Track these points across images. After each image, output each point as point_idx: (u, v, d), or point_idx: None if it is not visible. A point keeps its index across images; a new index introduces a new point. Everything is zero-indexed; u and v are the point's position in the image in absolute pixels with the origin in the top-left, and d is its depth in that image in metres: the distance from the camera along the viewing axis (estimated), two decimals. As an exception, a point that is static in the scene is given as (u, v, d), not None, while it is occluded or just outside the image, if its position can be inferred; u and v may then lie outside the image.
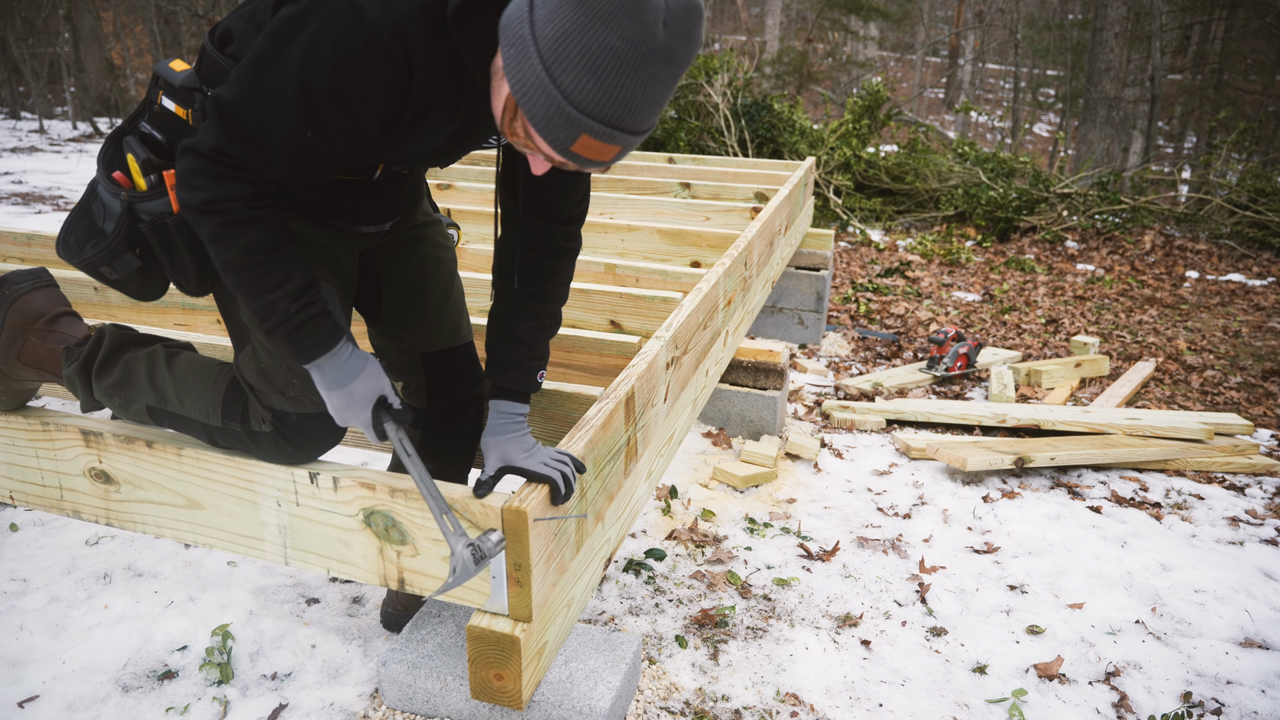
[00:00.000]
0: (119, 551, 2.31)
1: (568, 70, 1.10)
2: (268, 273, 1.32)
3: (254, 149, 1.26)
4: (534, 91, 1.13)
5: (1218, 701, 2.02)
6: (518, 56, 1.13)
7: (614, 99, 1.12)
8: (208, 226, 1.29)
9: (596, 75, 1.10)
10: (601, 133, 1.15)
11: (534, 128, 1.17)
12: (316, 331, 1.38)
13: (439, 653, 1.72)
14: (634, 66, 1.11)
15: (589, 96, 1.12)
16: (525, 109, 1.15)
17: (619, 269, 3.03)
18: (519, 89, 1.14)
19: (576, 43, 1.09)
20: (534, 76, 1.13)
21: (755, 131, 8.04)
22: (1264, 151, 11.22)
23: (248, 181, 1.28)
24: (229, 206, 1.28)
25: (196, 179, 1.27)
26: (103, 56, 15.09)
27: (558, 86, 1.12)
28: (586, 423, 1.64)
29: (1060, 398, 3.97)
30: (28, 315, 1.71)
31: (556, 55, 1.10)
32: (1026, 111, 19.47)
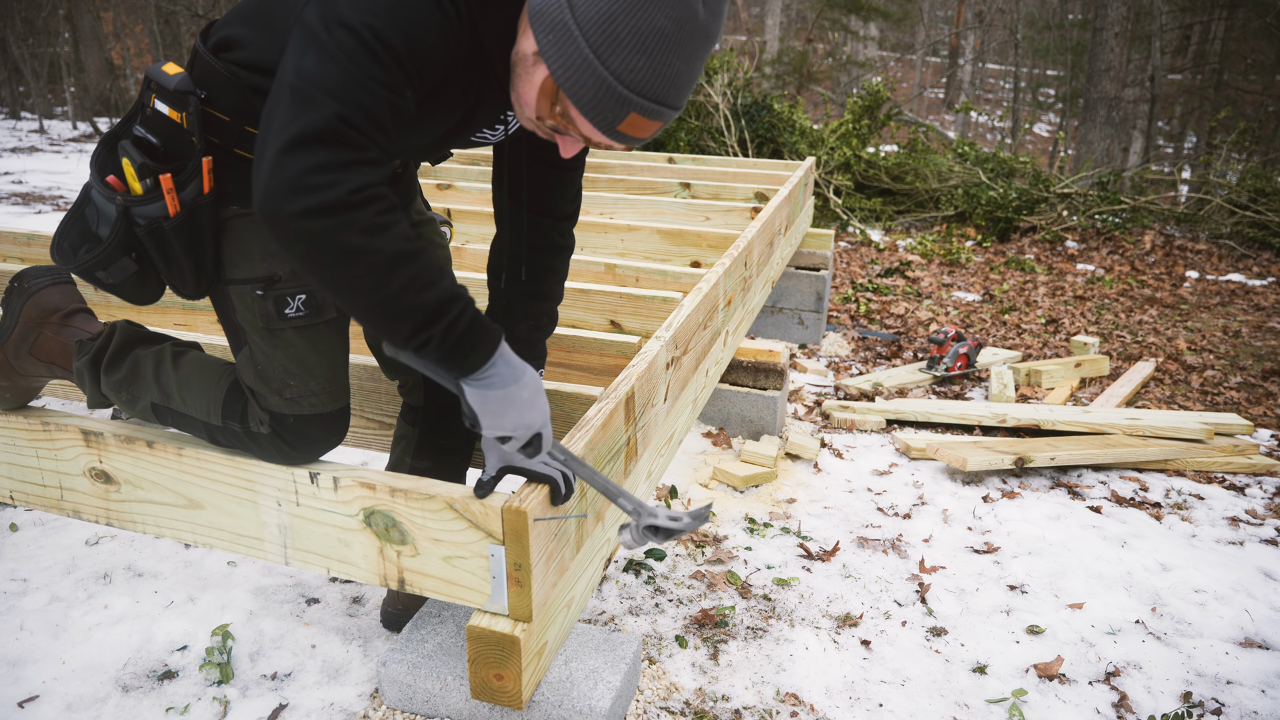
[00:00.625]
0: (119, 551, 2.31)
1: (617, 51, 1.13)
2: (431, 258, 1.20)
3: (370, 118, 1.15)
4: (582, 74, 1.15)
5: (1218, 701, 2.02)
6: (559, 41, 1.15)
7: (662, 77, 1.16)
8: (362, 219, 1.13)
9: (646, 55, 1.14)
10: (650, 110, 1.19)
11: (579, 110, 1.19)
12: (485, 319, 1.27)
13: (439, 653, 1.72)
14: (679, 45, 1.15)
15: (640, 76, 1.15)
16: (571, 92, 1.17)
17: (619, 269, 3.03)
18: (565, 72, 1.16)
19: (625, 24, 1.12)
20: (580, 60, 1.15)
21: (755, 131, 8.04)
22: (1264, 151, 11.22)
23: (376, 159, 1.16)
24: (378, 191, 1.14)
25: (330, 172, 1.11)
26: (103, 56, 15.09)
27: (607, 68, 1.14)
28: (586, 423, 1.64)
29: (1060, 398, 3.97)
30: (43, 310, 1.72)
31: (604, 38, 1.13)
32: (1026, 111, 19.46)
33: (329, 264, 1.14)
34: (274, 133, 1.13)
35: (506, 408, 1.30)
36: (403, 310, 1.19)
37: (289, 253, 1.16)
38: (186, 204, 1.40)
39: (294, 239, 1.13)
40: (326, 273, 1.16)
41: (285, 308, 1.47)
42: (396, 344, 1.23)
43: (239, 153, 1.43)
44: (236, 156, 1.43)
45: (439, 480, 1.75)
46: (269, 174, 1.12)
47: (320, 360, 1.52)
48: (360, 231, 1.13)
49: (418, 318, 1.19)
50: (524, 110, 1.28)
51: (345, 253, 1.13)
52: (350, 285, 1.16)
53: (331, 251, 1.13)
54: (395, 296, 1.17)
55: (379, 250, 1.14)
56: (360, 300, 1.18)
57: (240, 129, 1.41)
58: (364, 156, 1.14)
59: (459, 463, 1.91)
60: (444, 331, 1.21)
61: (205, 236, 1.44)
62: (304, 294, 1.48)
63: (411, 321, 1.19)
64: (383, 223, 1.14)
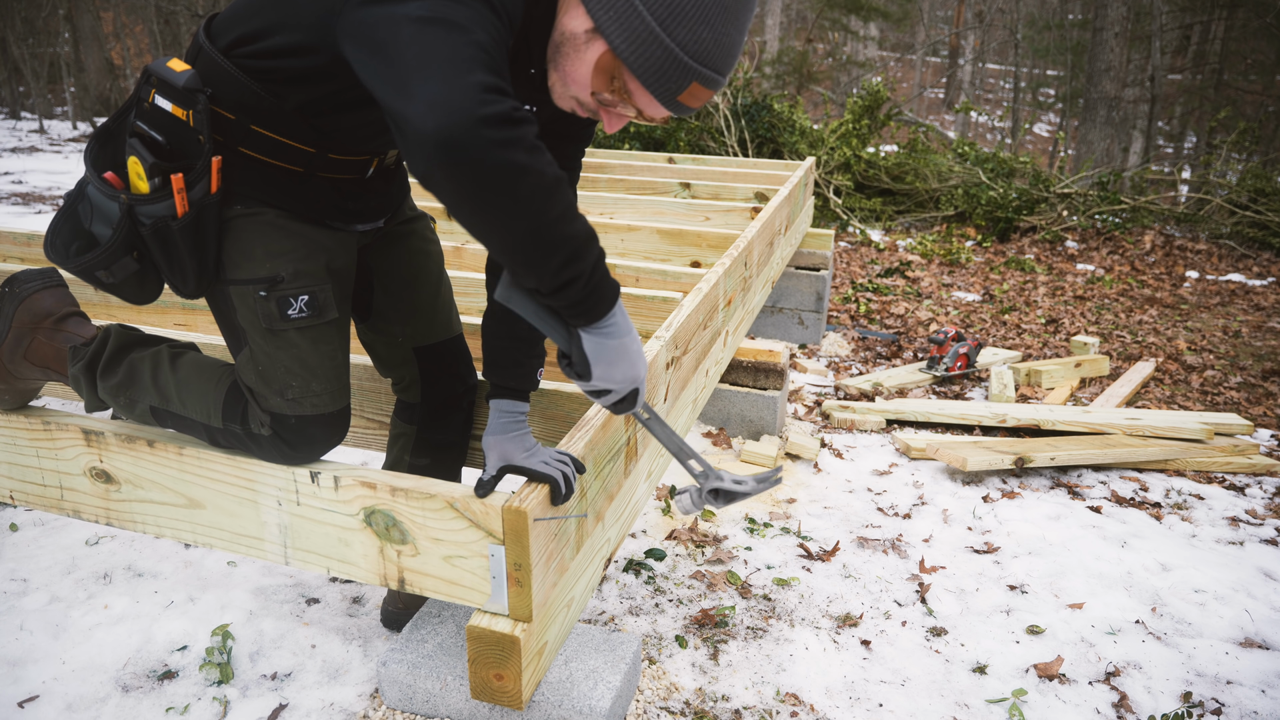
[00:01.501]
0: (119, 551, 2.31)
1: (683, 24, 1.19)
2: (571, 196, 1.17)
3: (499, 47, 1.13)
4: (648, 47, 1.20)
5: (1218, 701, 2.02)
6: (622, 16, 1.20)
7: (721, 46, 1.23)
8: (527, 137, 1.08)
9: (709, 26, 1.20)
10: (709, 79, 1.25)
11: (643, 82, 1.23)
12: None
13: (439, 653, 1.72)
14: (735, 15, 1.23)
15: (704, 46, 1.21)
16: (637, 65, 1.22)
17: (619, 269, 3.03)
18: (630, 46, 1.20)
19: None
20: (646, 33, 1.20)
21: (755, 131, 8.04)
22: (1264, 151, 11.22)
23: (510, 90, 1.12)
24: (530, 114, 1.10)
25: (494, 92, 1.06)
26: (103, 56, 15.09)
27: (674, 39, 1.20)
28: (586, 422, 1.64)
29: (1060, 398, 3.97)
30: (36, 314, 1.71)
31: (669, 11, 1.19)
32: (1026, 111, 19.47)
33: (500, 181, 1.07)
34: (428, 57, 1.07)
35: (620, 358, 1.31)
36: (558, 239, 1.14)
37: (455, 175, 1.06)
38: (194, 204, 1.39)
39: (474, 151, 1.04)
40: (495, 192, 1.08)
41: (288, 309, 1.47)
42: (542, 279, 1.18)
43: (244, 151, 1.42)
44: (241, 155, 1.43)
45: (438, 477, 1.75)
46: (442, 89, 1.05)
47: (322, 360, 1.52)
48: (526, 150, 1.08)
49: (569, 248, 1.16)
50: (570, 89, 1.30)
51: (516, 169, 1.07)
52: (515, 208, 1.10)
53: (504, 167, 1.06)
54: (554, 223, 1.13)
55: (542, 171, 1.10)
56: (522, 226, 1.11)
57: (246, 127, 1.40)
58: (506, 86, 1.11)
59: (456, 458, 1.91)
60: (590, 271, 1.20)
61: (210, 237, 1.44)
62: (306, 295, 1.48)
63: (564, 252, 1.16)
64: (539, 145, 1.11)
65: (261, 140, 1.42)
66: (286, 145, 1.43)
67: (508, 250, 1.16)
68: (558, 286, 1.20)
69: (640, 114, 1.30)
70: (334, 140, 1.45)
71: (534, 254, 1.16)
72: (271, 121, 1.40)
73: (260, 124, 1.40)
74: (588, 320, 1.27)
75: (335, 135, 1.44)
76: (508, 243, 1.15)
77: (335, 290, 1.54)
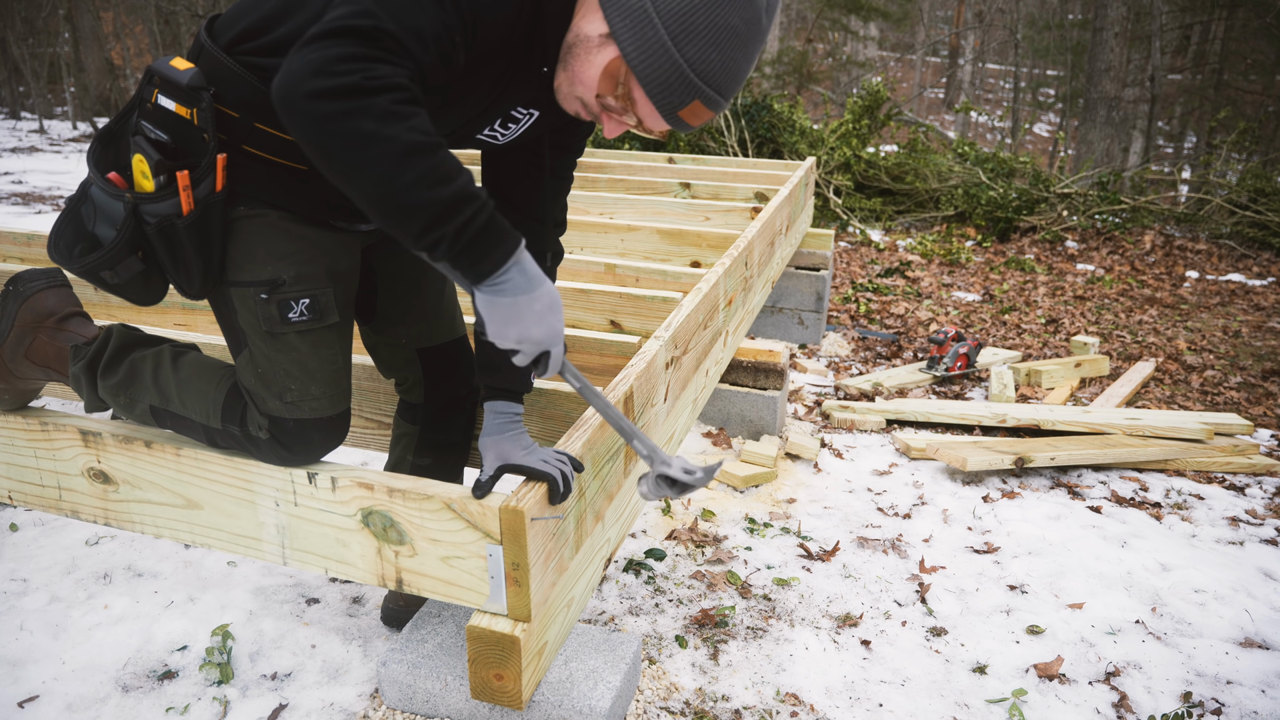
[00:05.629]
0: (119, 551, 2.31)
1: (694, 43, 1.23)
2: (449, 156, 1.18)
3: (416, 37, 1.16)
4: (658, 59, 1.24)
5: (1218, 701, 2.02)
6: (636, 25, 1.23)
7: (728, 70, 1.27)
8: (378, 105, 1.11)
9: (719, 49, 1.24)
10: (711, 100, 1.28)
11: (648, 93, 1.27)
12: (503, 219, 1.25)
13: (439, 653, 1.72)
14: (745, 43, 1.27)
15: (711, 67, 1.25)
16: (644, 75, 1.25)
17: (619, 269, 3.02)
18: (641, 56, 1.24)
19: (705, 18, 1.22)
20: (658, 46, 1.23)
21: (755, 131, 8.04)
22: (1264, 151, 11.22)
23: (406, 67, 1.16)
24: (400, 82, 1.13)
25: (355, 61, 1.11)
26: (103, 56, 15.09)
27: (683, 56, 1.24)
28: (585, 422, 1.64)
29: (1060, 398, 3.97)
30: (39, 314, 1.71)
31: (683, 28, 1.22)
32: (1026, 111, 19.47)
33: (340, 149, 1.12)
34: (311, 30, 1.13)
35: (513, 317, 1.28)
36: (414, 205, 1.15)
37: (301, 139, 1.14)
38: (199, 202, 1.39)
39: (306, 120, 1.11)
40: (337, 159, 1.13)
41: (289, 312, 1.47)
42: (407, 243, 1.21)
43: (248, 150, 1.42)
44: (245, 154, 1.43)
45: (439, 477, 1.75)
46: (292, 58, 1.12)
47: (322, 365, 1.52)
48: (375, 117, 1.10)
49: (429, 213, 1.16)
50: (576, 89, 1.33)
51: (358, 138, 1.10)
52: (360, 174, 1.13)
53: (342, 134, 1.10)
54: (407, 188, 1.14)
55: (392, 138, 1.11)
56: (371, 191, 1.15)
57: (250, 125, 1.40)
58: (392, 59, 1.14)
59: (458, 458, 1.91)
60: (456, 232, 1.18)
61: (215, 236, 1.44)
62: (307, 298, 1.48)
63: (423, 218, 1.16)
64: (400, 111, 1.12)
65: (265, 138, 1.41)
66: (291, 143, 1.42)
67: (367, 210, 1.19)
68: (424, 247, 1.21)
69: (640, 124, 1.33)
70: None
71: (391, 218, 1.19)
72: (276, 119, 1.40)
73: (264, 121, 1.40)
74: (473, 278, 1.26)
75: None
76: (364, 205, 1.19)
77: (337, 294, 1.54)
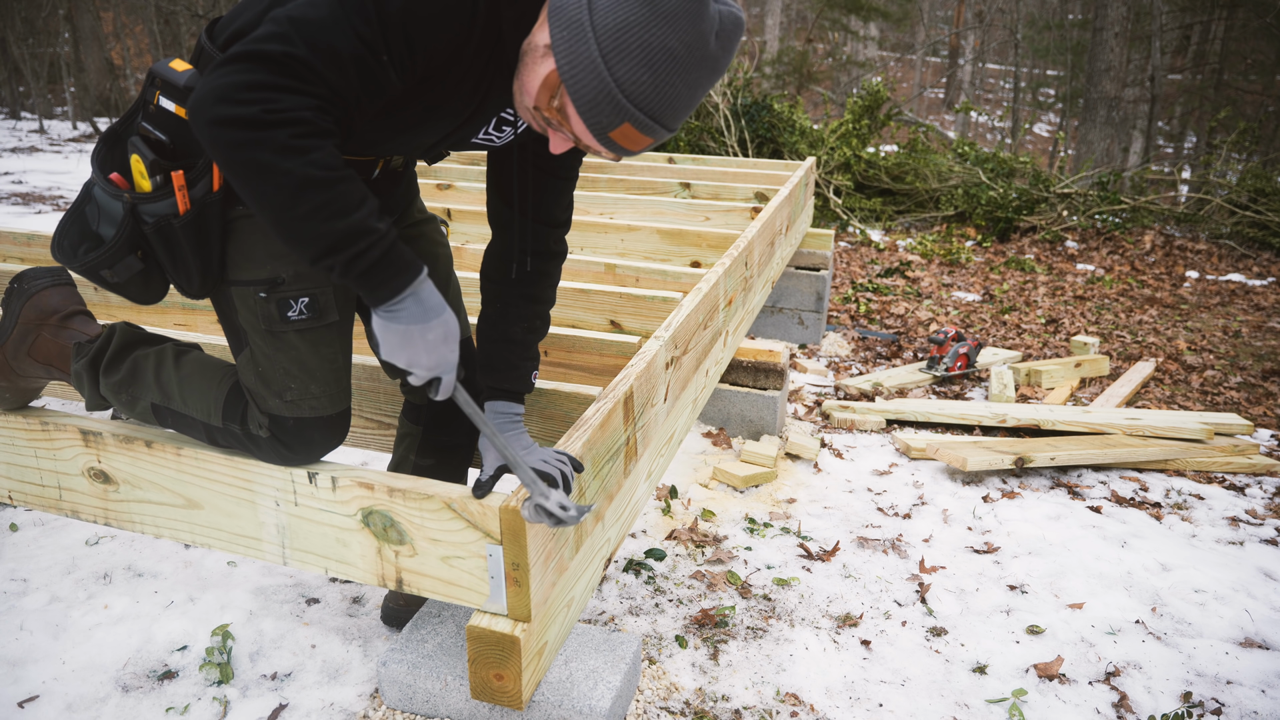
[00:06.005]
0: (119, 551, 2.31)
1: (624, 61, 1.16)
2: (349, 190, 1.20)
3: (330, 59, 1.16)
4: (586, 75, 1.18)
5: (1218, 701, 2.02)
6: (571, 39, 1.18)
7: (662, 95, 1.19)
8: (277, 139, 1.14)
9: (651, 70, 1.17)
10: (643, 124, 1.21)
11: (577, 110, 1.21)
12: (406, 252, 1.28)
13: (439, 653, 1.72)
14: (685, 69, 1.18)
15: (641, 89, 1.18)
16: (573, 90, 1.20)
17: (619, 269, 3.02)
18: (571, 70, 1.18)
19: (638, 37, 1.15)
20: (588, 61, 1.17)
21: (755, 131, 8.04)
22: (1264, 151, 11.22)
23: (321, 97, 1.17)
24: (302, 116, 1.15)
25: (259, 90, 1.13)
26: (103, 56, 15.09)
27: (612, 75, 1.17)
28: (585, 422, 1.64)
29: (1060, 398, 3.97)
30: (42, 312, 1.72)
31: (615, 45, 1.16)
32: (1026, 111, 19.47)
33: (239, 176, 1.17)
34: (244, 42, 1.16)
35: (405, 343, 1.31)
36: (306, 235, 1.20)
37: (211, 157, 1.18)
38: (196, 201, 1.40)
39: (209, 144, 1.16)
40: (237, 183, 1.19)
41: (288, 310, 1.47)
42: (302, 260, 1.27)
43: None
44: None
45: (442, 478, 1.75)
46: (205, 79, 1.15)
47: (321, 363, 1.52)
48: (272, 150, 1.14)
49: (321, 244, 1.21)
50: (523, 99, 1.30)
51: (256, 168, 1.15)
52: (258, 201, 1.19)
53: (242, 164, 1.15)
54: (301, 220, 1.18)
55: (287, 172, 1.15)
56: (268, 217, 1.20)
57: None
58: (303, 88, 1.16)
59: (462, 460, 1.92)
60: (347, 262, 1.22)
61: (213, 236, 1.44)
62: (307, 297, 1.48)
63: (315, 247, 1.21)
64: (298, 146, 1.15)
65: None
66: None
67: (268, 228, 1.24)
68: (320, 270, 1.25)
69: (578, 142, 1.28)
70: None
71: (286, 242, 1.23)
72: None
73: None
74: (370, 301, 1.29)
75: None
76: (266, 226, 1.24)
77: (336, 293, 1.54)
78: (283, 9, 1.18)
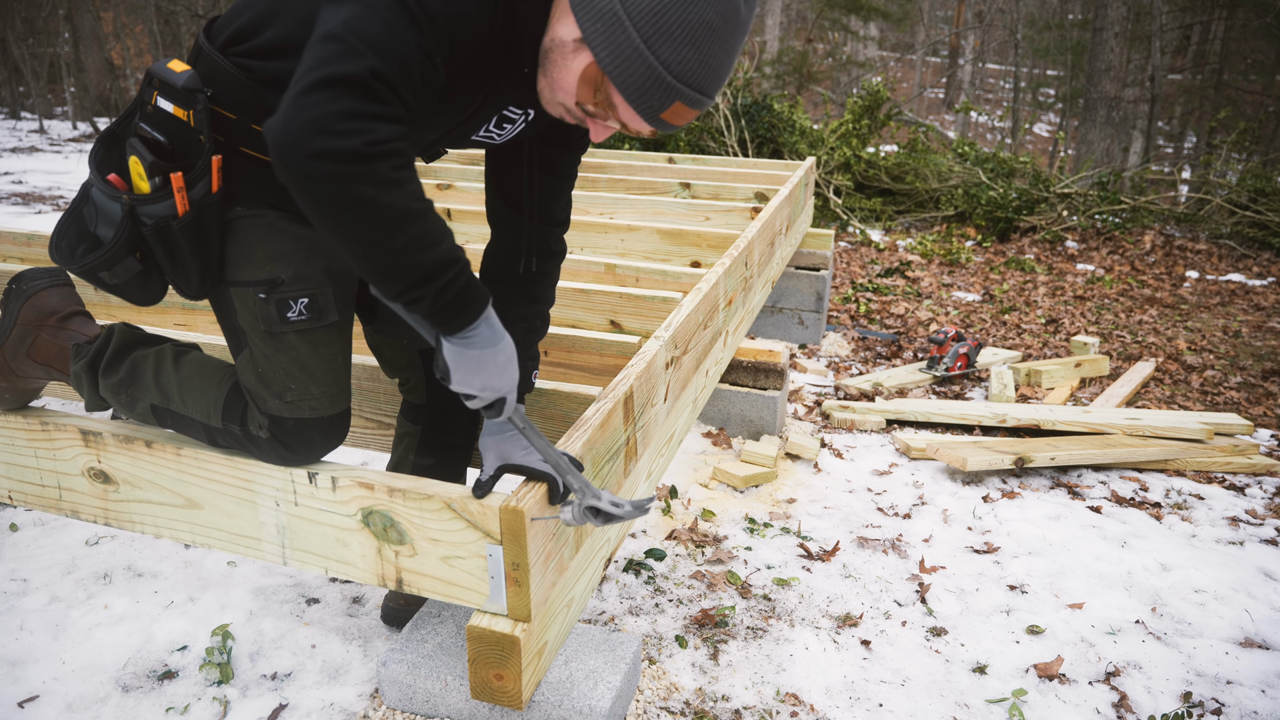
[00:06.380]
0: (119, 551, 2.31)
1: (668, 43, 1.18)
2: (436, 219, 1.21)
3: (404, 73, 1.14)
4: (632, 64, 1.20)
5: (1218, 701, 2.02)
6: (608, 30, 1.19)
7: (707, 68, 1.22)
8: (378, 172, 1.12)
9: (695, 47, 1.19)
10: (693, 99, 1.24)
11: (626, 97, 1.23)
12: (476, 281, 1.29)
13: (439, 653, 1.72)
14: (723, 38, 1.22)
15: (687, 67, 1.20)
16: (620, 80, 1.21)
17: (619, 269, 3.02)
18: (614, 61, 1.20)
19: (677, 17, 1.17)
20: (631, 49, 1.19)
21: (755, 131, 8.04)
22: (1264, 151, 11.22)
23: (400, 117, 1.16)
24: (398, 146, 1.14)
25: (356, 120, 1.10)
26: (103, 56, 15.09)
27: (658, 58, 1.19)
28: (584, 422, 1.64)
29: (1060, 398, 3.97)
30: (41, 312, 1.72)
31: (655, 29, 1.18)
32: (1026, 111, 19.47)
33: (335, 210, 1.13)
34: (303, 72, 1.12)
35: (479, 368, 1.32)
36: (401, 267, 1.19)
37: (296, 193, 1.14)
38: (195, 203, 1.39)
39: (304, 179, 1.11)
40: (331, 218, 1.15)
41: (288, 311, 1.47)
42: (388, 296, 1.25)
43: (245, 151, 1.43)
44: (242, 155, 1.43)
45: (441, 477, 1.75)
46: (291, 109, 1.10)
47: (321, 364, 1.52)
48: (374, 184, 1.12)
49: (415, 276, 1.20)
50: (556, 95, 1.30)
51: (355, 202, 1.12)
52: (354, 235, 1.16)
53: (340, 198, 1.12)
54: (397, 253, 1.18)
55: (390, 205, 1.14)
56: (361, 251, 1.18)
57: (246, 127, 1.41)
58: (389, 112, 1.14)
59: (461, 459, 1.92)
60: (437, 293, 1.23)
61: (212, 237, 1.44)
62: (306, 298, 1.48)
63: (408, 279, 1.21)
64: (397, 178, 1.14)
65: (262, 139, 1.42)
66: None
67: (353, 264, 1.21)
68: (404, 303, 1.24)
69: (624, 127, 1.30)
70: None
71: (375, 277, 1.22)
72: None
73: (260, 123, 1.40)
74: (444, 331, 1.30)
75: None
76: (350, 260, 1.20)
77: (336, 293, 1.54)
78: (335, 24, 1.14)
